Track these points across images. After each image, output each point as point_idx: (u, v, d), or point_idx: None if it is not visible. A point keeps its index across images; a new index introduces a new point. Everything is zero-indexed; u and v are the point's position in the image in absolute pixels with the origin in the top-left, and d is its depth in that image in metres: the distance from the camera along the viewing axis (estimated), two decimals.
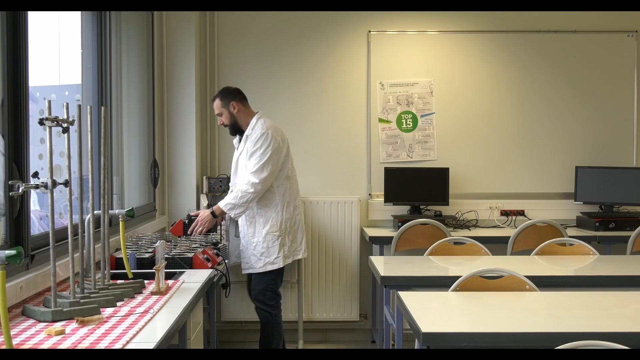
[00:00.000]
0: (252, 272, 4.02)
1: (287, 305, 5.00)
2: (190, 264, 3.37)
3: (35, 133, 2.78)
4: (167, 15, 4.83)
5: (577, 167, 5.15)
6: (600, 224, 4.87)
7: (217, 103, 4.07)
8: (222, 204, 3.89)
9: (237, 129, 4.09)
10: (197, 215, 3.93)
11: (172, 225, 4.04)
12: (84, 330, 2.17)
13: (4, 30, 2.49)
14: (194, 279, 3.06)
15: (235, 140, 4.21)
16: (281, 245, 4.00)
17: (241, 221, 4.07)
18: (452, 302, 2.77)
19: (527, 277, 2.89)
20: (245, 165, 3.99)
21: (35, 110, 2.77)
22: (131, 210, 2.93)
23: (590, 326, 2.36)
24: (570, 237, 4.20)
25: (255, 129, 3.99)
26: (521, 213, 5.22)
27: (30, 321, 2.30)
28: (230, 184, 4.24)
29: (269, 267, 3.98)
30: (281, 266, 4.02)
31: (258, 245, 3.98)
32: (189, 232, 3.90)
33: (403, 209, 5.13)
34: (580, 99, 5.31)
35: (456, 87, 5.29)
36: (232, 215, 3.92)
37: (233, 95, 4.07)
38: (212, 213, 3.89)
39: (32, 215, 2.68)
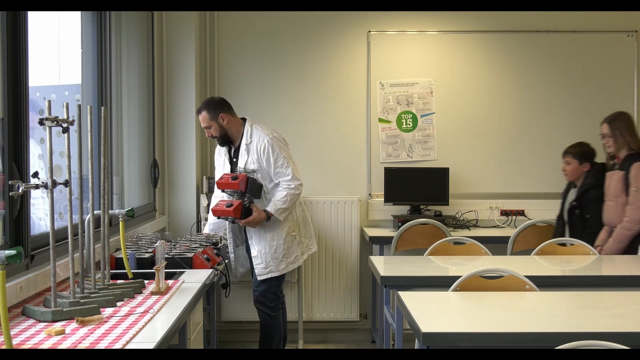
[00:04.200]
0: (273, 275, 4.00)
1: (287, 305, 4.98)
2: (190, 264, 3.37)
3: (36, 133, 2.78)
4: (167, 15, 4.83)
5: None
6: None
7: (204, 116, 3.94)
8: (273, 209, 3.89)
9: (227, 140, 4.01)
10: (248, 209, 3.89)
11: (230, 206, 3.82)
12: (84, 330, 2.17)
13: (4, 30, 2.49)
14: (194, 279, 3.06)
15: (223, 150, 4.09)
16: (298, 243, 4.08)
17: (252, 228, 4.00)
18: (452, 302, 2.77)
19: (527, 277, 2.89)
20: (261, 174, 3.93)
21: (35, 109, 2.77)
22: (131, 210, 2.93)
23: (590, 326, 2.36)
24: (570, 237, 4.20)
25: (254, 136, 3.95)
26: (521, 213, 5.22)
27: (30, 321, 2.30)
28: (219, 193, 4.08)
29: (291, 267, 4.06)
30: (300, 264, 4.13)
31: (279, 248, 3.97)
32: (243, 222, 3.88)
33: (403, 209, 5.13)
34: (580, 99, 5.30)
35: (456, 87, 5.29)
36: (280, 219, 3.93)
37: (220, 106, 3.96)
38: (267, 216, 3.91)
39: (32, 215, 2.68)
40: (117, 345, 2.01)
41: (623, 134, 4.06)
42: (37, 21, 2.89)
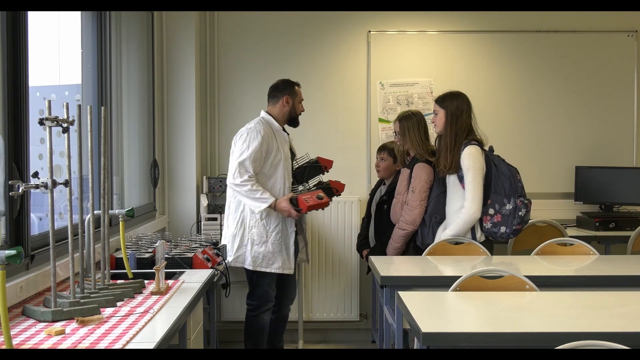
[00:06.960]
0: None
1: None
2: (190, 264, 3.37)
3: (35, 133, 2.78)
4: (167, 15, 4.83)
5: (577, 167, 5.15)
6: (600, 224, 4.87)
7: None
8: None
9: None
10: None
11: (321, 198, 3.87)
12: (84, 330, 2.18)
13: (4, 30, 2.49)
14: (194, 279, 3.06)
15: (284, 136, 4.15)
16: None
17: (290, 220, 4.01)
18: (452, 302, 2.77)
19: (527, 277, 2.89)
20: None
21: (35, 109, 2.77)
22: (131, 210, 2.93)
23: (590, 326, 2.36)
24: (570, 237, 4.19)
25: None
26: None
27: (30, 321, 2.30)
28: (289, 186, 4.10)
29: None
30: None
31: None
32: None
33: None
34: (580, 99, 5.30)
35: (456, 87, 5.23)
36: None
37: None
38: None
39: (32, 215, 2.68)
40: (117, 345, 2.01)
41: (411, 133, 4.09)
42: (37, 21, 2.89)
